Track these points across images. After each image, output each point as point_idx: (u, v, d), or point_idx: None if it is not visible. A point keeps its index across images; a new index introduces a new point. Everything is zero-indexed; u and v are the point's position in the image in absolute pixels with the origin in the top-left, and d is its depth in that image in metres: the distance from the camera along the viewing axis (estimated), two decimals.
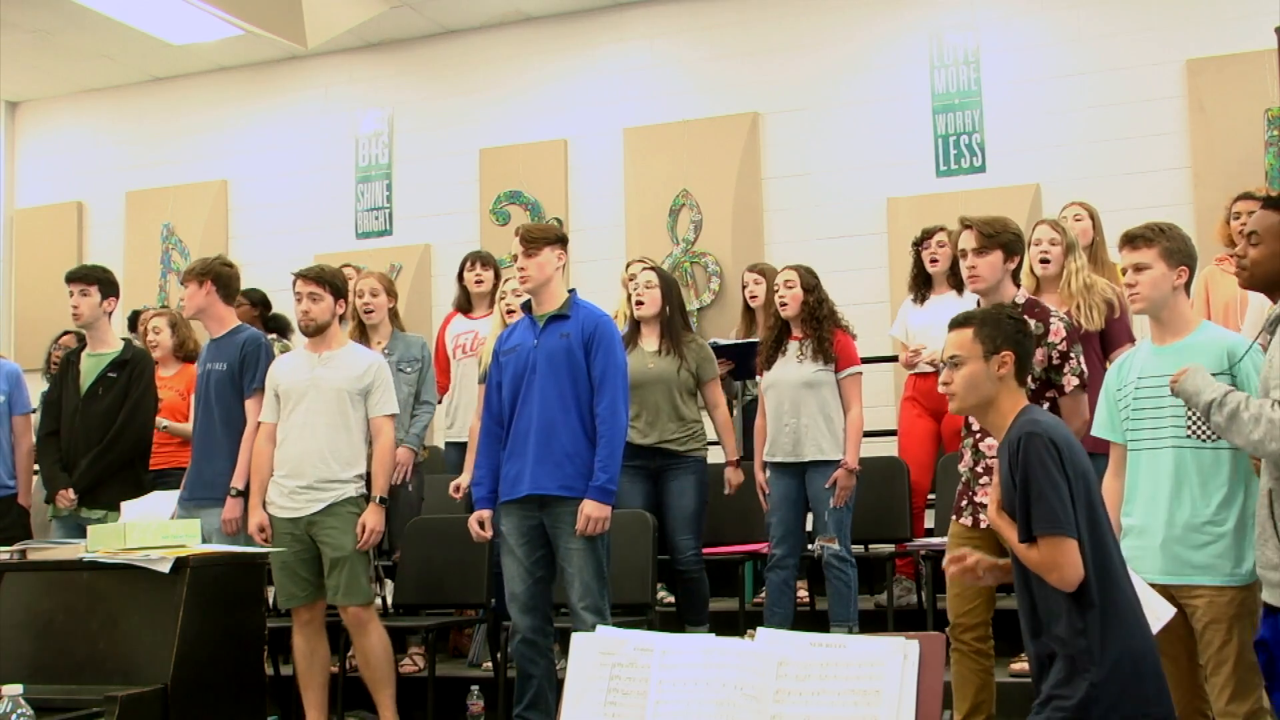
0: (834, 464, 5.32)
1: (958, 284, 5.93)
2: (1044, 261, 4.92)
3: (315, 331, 5.06)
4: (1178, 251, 3.56)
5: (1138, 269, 3.56)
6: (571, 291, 4.77)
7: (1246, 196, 5.58)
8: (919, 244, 6.17)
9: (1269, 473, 3.08)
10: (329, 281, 5.07)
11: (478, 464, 4.81)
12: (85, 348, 5.77)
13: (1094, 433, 3.73)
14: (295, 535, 4.95)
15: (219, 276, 5.46)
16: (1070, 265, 4.91)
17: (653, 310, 5.66)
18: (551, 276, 4.69)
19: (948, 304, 5.95)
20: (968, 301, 5.87)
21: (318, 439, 4.96)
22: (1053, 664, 2.96)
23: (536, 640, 4.64)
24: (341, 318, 5.23)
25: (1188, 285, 3.63)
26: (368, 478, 5.09)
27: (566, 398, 4.58)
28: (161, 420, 5.96)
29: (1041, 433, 2.97)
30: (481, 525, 4.73)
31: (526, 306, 4.80)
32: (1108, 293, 4.90)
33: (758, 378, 5.65)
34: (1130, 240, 3.60)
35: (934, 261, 6.07)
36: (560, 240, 4.75)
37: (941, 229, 6.09)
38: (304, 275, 5.09)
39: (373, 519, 4.96)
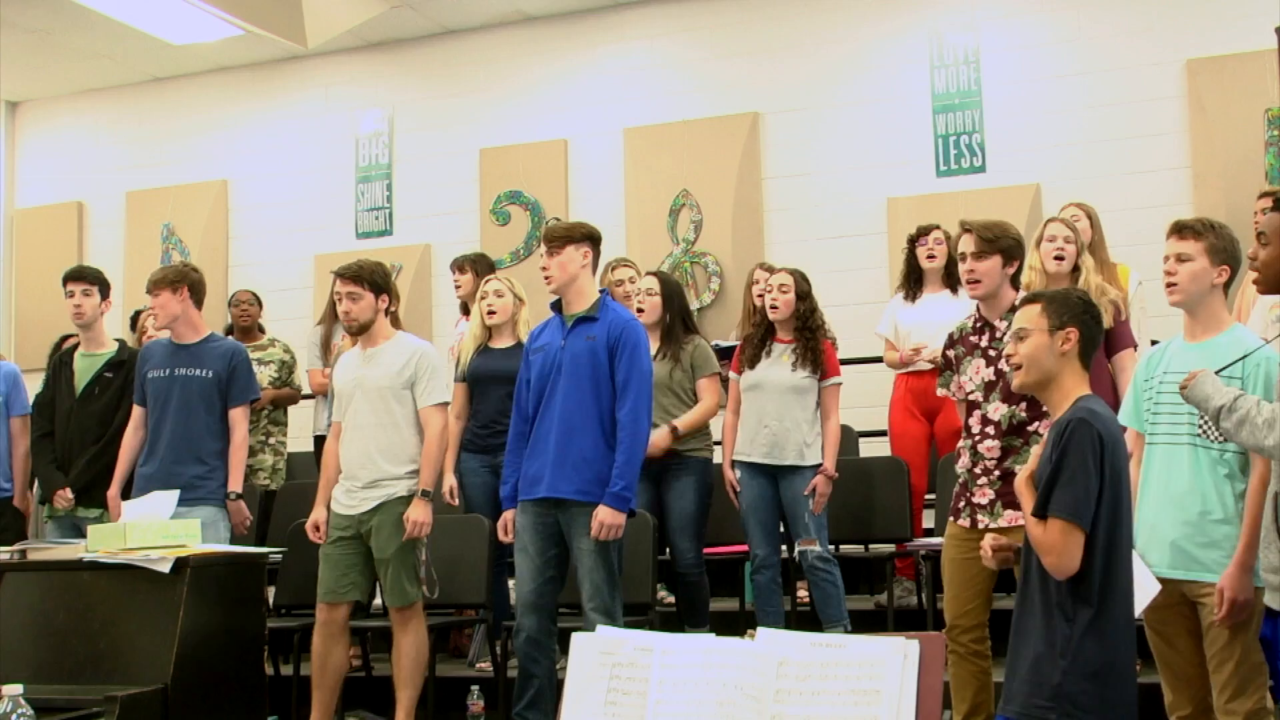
0: (810, 469, 5.34)
1: (952, 283, 5.91)
2: (1058, 259, 4.91)
3: (359, 330, 5.02)
4: (1222, 250, 3.53)
5: (1180, 259, 3.54)
6: (603, 292, 4.74)
7: (1266, 195, 5.54)
8: (914, 240, 6.16)
9: (1275, 475, 3.08)
10: (367, 279, 5.00)
11: (506, 463, 4.77)
12: (78, 348, 5.77)
13: (1120, 420, 3.74)
14: (349, 532, 4.94)
15: (194, 284, 5.46)
16: (1084, 264, 4.91)
17: (653, 317, 5.66)
18: (576, 275, 4.65)
19: (941, 302, 5.94)
20: (962, 300, 5.87)
21: (365, 439, 4.94)
22: (1029, 650, 3.00)
23: (540, 639, 4.63)
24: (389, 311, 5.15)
25: (1228, 286, 3.60)
26: None
27: (587, 402, 4.55)
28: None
29: (1094, 423, 2.99)
30: (506, 528, 4.72)
31: (556, 305, 4.77)
32: (1112, 294, 4.90)
33: (732, 373, 5.62)
34: (1179, 230, 3.58)
35: (931, 258, 6.05)
36: (586, 238, 4.68)
37: (937, 226, 6.09)
38: (342, 275, 5.03)
39: (416, 512, 4.87)
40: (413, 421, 4.99)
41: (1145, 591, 3.35)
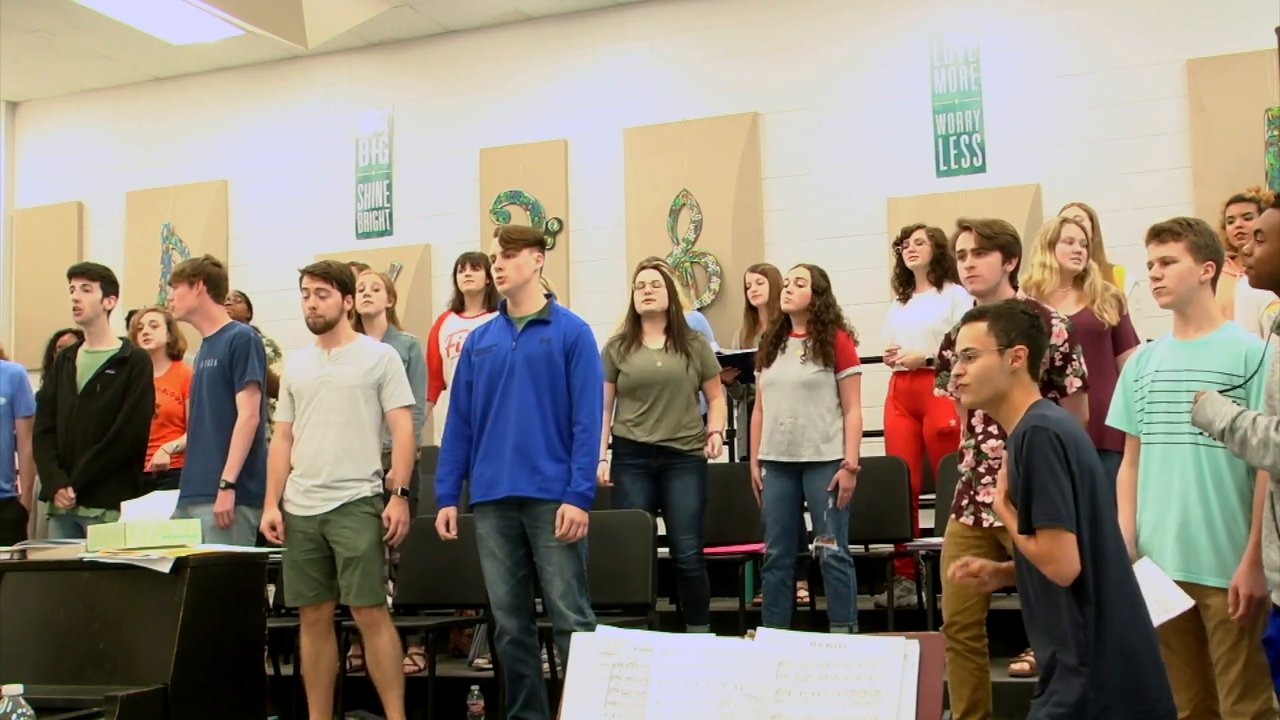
0: (831, 465, 5.32)
1: (937, 280, 5.99)
2: (1076, 259, 4.93)
3: (323, 328, 5.05)
4: (1204, 246, 3.54)
5: (1164, 262, 3.53)
6: (549, 296, 4.80)
7: (1239, 199, 5.60)
8: (898, 243, 6.21)
9: (1271, 477, 3.08)
10: (335, 277, 5.04)
11: (442, 460, 4.81)
12: (82, 344, 5.77)
13: (1109, 422, 3.73)
14: (308, 534, 4.94)
15: (210, 276, 5.48)
16: (1092, 264, 4.94)
17: (660, 306, 5.68)
18: (529, 278, 4.72)
19: (928, 301, 5.99)
20: (946, 298, 5.92)
21: (331, 437, 4.95)
22: (1054, 663, 2.98)
23: (524, 640, 4.67)
24: (350, 313, 5.21)
25: (1215, 281, 3.60)
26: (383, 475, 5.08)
27: (545, 402, 4.61)
28: (169, 446, 5.99)
29: (1048, 426, 2.99)
30: (448, 524, 4.76)
31: (502, 307, 4.81)
32: (1114, 289, 4.93)
33: (756, 373, 5.63)
34: (1158, 234, 3.58)
35: (913, 258, 6.09)
36: (539, 243, 4.76)
37: (920, 226, 6.12)
38: (310, 272, 5.08)
39: (397, 511, 4.93)
40: (377, 423, 5.03)
41: (1172, 607, 3.35)
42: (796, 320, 5.49)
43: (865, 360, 6.71)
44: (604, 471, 5.60)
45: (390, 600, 5.67)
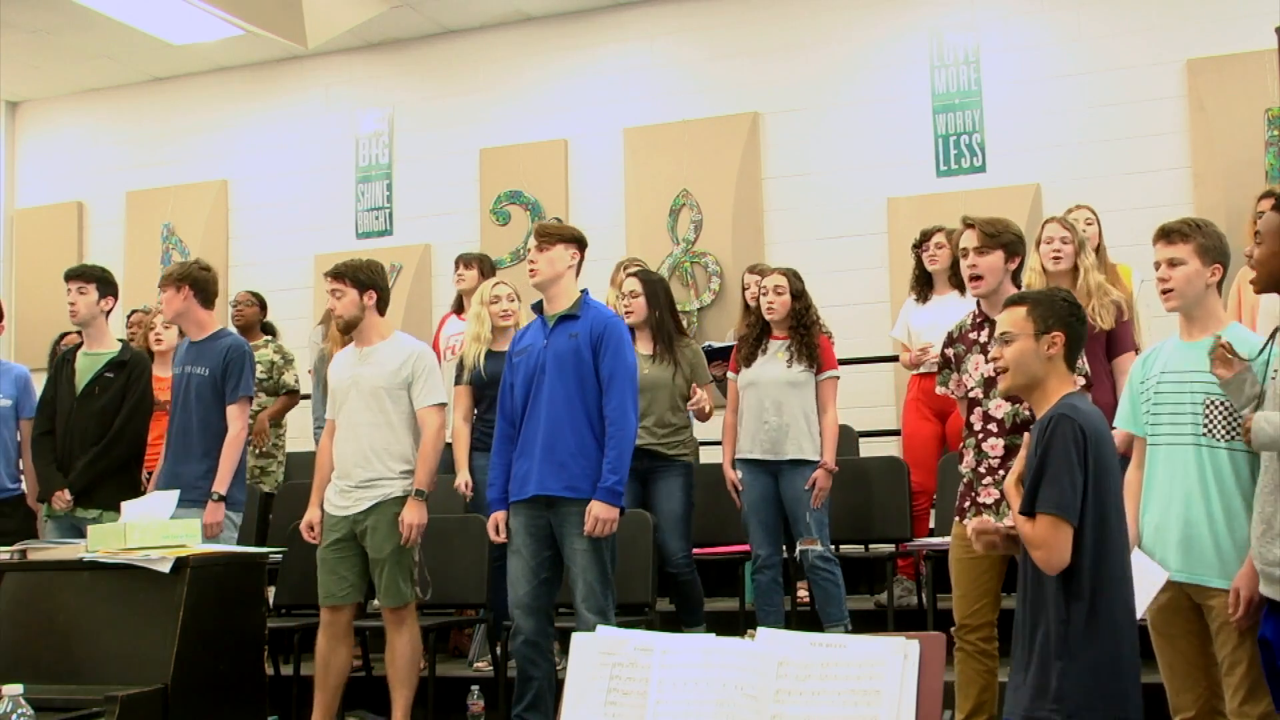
0: (811, 464, 5.34)
1: (959, 283, 5.94)
2: (1056, 259, 4.91)
3: (346, 327, 5.06)
4: (1213, 249, 3.51)
5: (1172, 264, 3.51)
6: (584, 292, 4.75)
7: (1270, 195, 5.54)
8: (918, 246, 6.19)
9: (1276, 473, 3.08)
10: (350, 275, 5.00)
11: (493, 464, 4.77)
12: (81, 347, 5.76)
13: (1116, 424, 3.71)
14: (342, 534, 4.95)
15: (196, 281, 5.42)
16: (1082, 263, 4.90)
17: (640, 318, 5.65)
18: (562, 274, 4.66)
19: (950, 303, 5.95)
20: (971, 301, 5.88)
21: (360, 438, 4.96)
22: (1032, 654, 2.99)
23: (539, 641, 4.63)
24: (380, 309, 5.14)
25: (1220, 283, 3.59)
26: None
27: (573, 398, 4.56)
28: None
29: (1075, 418, 2.99)
30: (498, 529, 4.71)
31: (538, 307, 4.78)
32: (1115, 294, 4.89)
33: (730, 373, 5.63)
34: (1166, 235, 3.56)
35: (933, 261, 6.08)
36: (576, 240, 4.71)
37: (939, 229, 6.10)
38: (328, 273, 5.08)
39: (411, 514, 4.89)
40: (407, 422, 5.01)
41: (1152, 583, 3.34)
42: (778, 325, 5.51)
43: (871, 360, 6.75)
44: None
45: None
